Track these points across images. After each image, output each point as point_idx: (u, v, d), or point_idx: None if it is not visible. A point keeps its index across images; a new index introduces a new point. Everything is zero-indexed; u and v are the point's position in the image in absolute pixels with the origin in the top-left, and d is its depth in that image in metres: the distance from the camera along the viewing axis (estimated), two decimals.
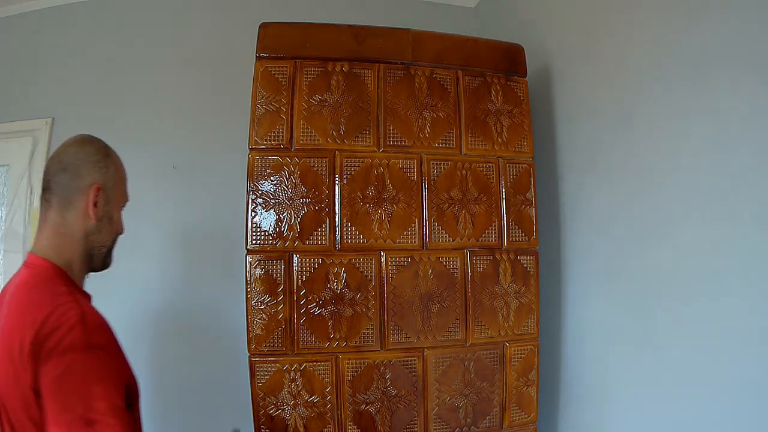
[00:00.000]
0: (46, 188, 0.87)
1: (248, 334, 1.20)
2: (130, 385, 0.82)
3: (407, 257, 1.28)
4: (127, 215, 1.07)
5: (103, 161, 0.91)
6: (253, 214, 1.23)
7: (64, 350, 0.73)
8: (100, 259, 0.92)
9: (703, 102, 1.01)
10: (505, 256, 1.36)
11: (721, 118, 0.97)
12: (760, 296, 0.88)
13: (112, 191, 0.91)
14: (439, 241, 1.30)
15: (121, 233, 0.97)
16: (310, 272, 1.23)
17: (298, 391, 1.21)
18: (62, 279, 0.83)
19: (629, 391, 1.22)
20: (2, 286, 1.95)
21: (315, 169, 1.25)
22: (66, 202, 0.86)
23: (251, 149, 1.24)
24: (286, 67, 1.28)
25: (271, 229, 1.23)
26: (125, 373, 0.82)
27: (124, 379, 0.80)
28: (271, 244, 1.22)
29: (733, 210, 0.94)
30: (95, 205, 0.87)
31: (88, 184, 0.87)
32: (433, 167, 1.32)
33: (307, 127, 1.26)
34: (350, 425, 1.23)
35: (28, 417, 0.74)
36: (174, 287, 1.83)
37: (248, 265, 1.21)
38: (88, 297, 0.91)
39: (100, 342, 0.77)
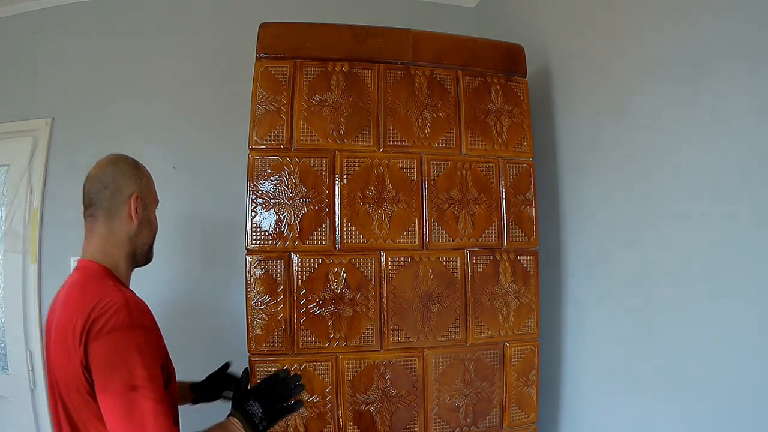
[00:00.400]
0: (90, 205, 1.02)
1: (248, 334, 1.20)
2: (166, 366, 0.96)
3: (407, 257, 1.28)
4: None
5: (136, 174, 1.07)
6: (253, 214, 1.23)
7: (111, 329, 0.86)
8: (142, 256, 1.08)
9: (703, 101, 1.01)
10: (505, 256, 1.36)
11: (721, 117, 0.97)
12: (761, 296, 0.88)
13: (147, 197, 1.07)
14: (439, 241, 1.30)
15: (157, 231, 1.13)
16: (310, 272, 1.23)
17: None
18: (109, 276, 0.98)
19: (629, 391, 1.22)
20: (2, 287, 1.97)
21: (315, 169, 1.25)
22: (111, 214, 1.01)
23: (251, 149, 1.24)
24: (286, 67, 1.28)
25: (271, 229, 1.23)
26: (163, 353, 0.96)
27: (163, 358, 0.94)
28: (271, 244, 1.22)
29: (733, 211, 0.94)
30: (136, 211, 1.03)
31: (128, 195, 1.02)
32: (433, 167, 1.32)
33: (307, 127, 1.26)
34: (350, 425, 1.23)
35: (77, 391, 0.88)
36: (173, 287, 1.83)
37: (248, 265, 1.21)
38: (132, 292, 1.03)
39: (141, 322, 0.91)
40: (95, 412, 0.88)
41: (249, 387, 1.17)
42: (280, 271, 1.22)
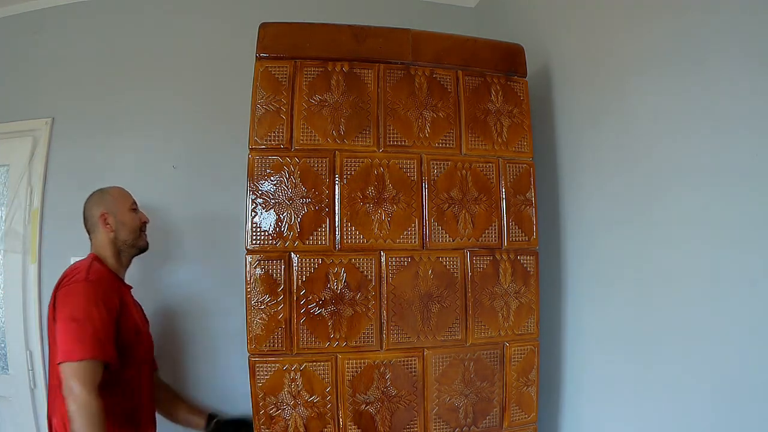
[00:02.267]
0: (87, 231, 1.45)
1: (248, 334, 1.20)
2: (132, 326, 1.36)
3: (407, 257, 1.28)
4: None
5: (99, 197, 1.46)
6: (253, 214, 1.23)
7: (69, 282, 1.26)
8: (131, 247, 1.46)
9: (704, 102, 1.01)
10: (505, 256, 1.36)
11: (722, 117, 0.96)
12: (760, 299, 0.88)
13: (114, 209, 1.44)
14: (439, 241, 1.30)
15: (141, 223, 1.49)
16: (310, 272, 1.23)
17: (298, 391, 1.21)
18: (96, 259, 1.38)
19: (629, 391, 1.22)
20: (2, 287, 1.97)
21: (315, 169, 1.25)
22: (94, 231, 1.43)
23: (251, 149, 1.24)
24: (286, 67, 1.28)
25: (271, 229, 1.23)
26: (114, 304, 1.28)
27: (112, 307, 1.27)
28: (271, 244, 1.22)
29: (734, 212, 0.94)
30: (107, 223, 1.41)
31: (98, 215, 1.42)
32: (433, 167, 1.32)
33: (307, 127, 1.26)
34: (350, 425, 1.23)
35: (53, 341, 1.24)
36: (173, 287, 1.83)
37: (248, 265, 1.21)
38: (127, 286, 1.47)
39: (92, 278, 1.27)
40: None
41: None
42: (280, 271, 1.22)
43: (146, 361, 1.47)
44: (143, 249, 1.50)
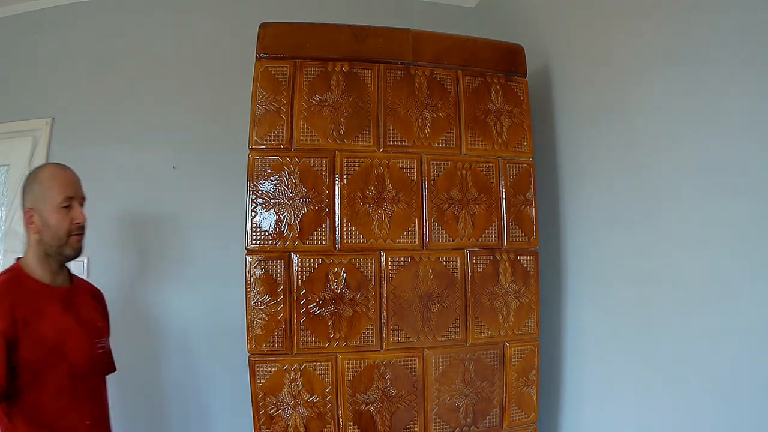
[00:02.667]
0: None
1: (248, 334, 1.20)
2: (44, 342, 1.10)
3: (407, 257, 1.28)
4: (128, 216, 1.06)
5: (29, 186, 1.18)
6: (253, 214, 1.23)
7: None
8: (58, 254, 1.18)
9: (704, 102, 1.01)
10: (505, 256, 1.36)
11: (722, 117, 0.96)
12: (760, 299, 0.88)
13: (41, 206, 1.16)
14: (439, 241, 1.30)
15: (74, 225, 1.18)
16: (310, 272, 1.23)
17: (298, 391, 1.21)
18: (13, 270, 1.17)
19: (629, 391, 1.22)
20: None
21: (315, 169, 1.25)
22: (25, 226, 1.18)
23: (251, 149, 1.25)
24: (286, 67, 1.28)
25: (271, 229, 1.23)
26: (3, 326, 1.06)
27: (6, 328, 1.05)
28: (271, 244, 1.22)
29: (734, 212, 0.94)
30: (31, 222, 1.16)
31: (24, 212, 1.17)
32: (433, 167, 1.32)
33: (307, 127, 1.26)
34: (350, 425, 1.23)
35: None
36: (173, 287, 1.83)
37: (248, 265, 1.21)
38: (59, 290, 1.20)
39: None
40: None
41: None
42: (280, 271, 1.22)
43: (78, 376, 1.16)
44: (71, 257, 1.21)
